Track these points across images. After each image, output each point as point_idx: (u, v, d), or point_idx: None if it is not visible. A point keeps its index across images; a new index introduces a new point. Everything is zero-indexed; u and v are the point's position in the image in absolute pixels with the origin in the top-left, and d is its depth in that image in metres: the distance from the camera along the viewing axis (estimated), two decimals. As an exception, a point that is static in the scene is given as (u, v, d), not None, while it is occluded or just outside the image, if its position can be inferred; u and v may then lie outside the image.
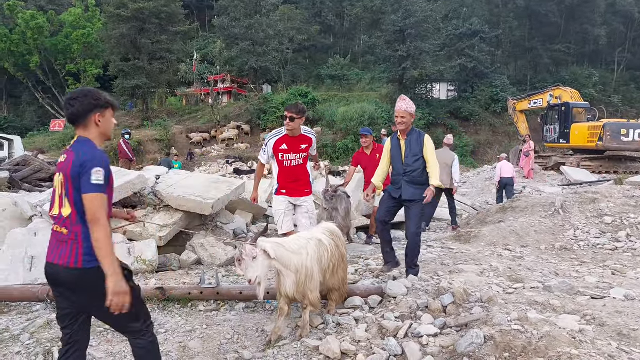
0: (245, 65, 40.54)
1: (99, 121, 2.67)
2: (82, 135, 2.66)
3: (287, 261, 3.71)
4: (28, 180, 12.01)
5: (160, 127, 34.02)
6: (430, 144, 5.18)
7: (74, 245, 2.52)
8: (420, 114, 36.38)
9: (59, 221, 2.58)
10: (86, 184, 2.48)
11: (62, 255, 2.52)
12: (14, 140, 25.79)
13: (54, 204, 2.63)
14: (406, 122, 5.16)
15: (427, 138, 5.23)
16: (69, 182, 2.53)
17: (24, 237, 5.97)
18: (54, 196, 2.64)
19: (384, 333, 3.75)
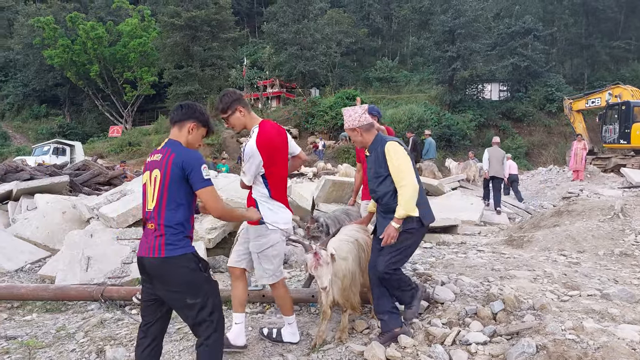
0: (294, 69, 40.94)
1: (191, 130, 2.95)
2: (172, 138, 2.93)
3: (337, 267, 3.66)
4: (88, 184, 12.57)
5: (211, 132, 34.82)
6: (393, 152, 3.58)
7: (158, 236, 2.71)
8: (471, 115, 35.65)
9: (151, 217, 2.77)
10: (199, 180, 2.76)
11: (148, 248, 2.73)
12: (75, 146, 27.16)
13: (146, 200, 2.83)
14: (358, 141, 3.81)
15: (388, 146, 3.62)
16: (166, 178, 2.74)
17: (80, 239, 6.23)
18: (145, 193, 2.84)
19: (430, 340, 3.66)
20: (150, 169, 2.83)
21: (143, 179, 2.88)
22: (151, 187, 2.80)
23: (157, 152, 2.89)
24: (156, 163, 2.81)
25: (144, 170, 2.91)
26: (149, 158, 2.91)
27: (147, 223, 2.80)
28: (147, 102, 44.04)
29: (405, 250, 3.58)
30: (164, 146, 2.89)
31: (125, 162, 22.97)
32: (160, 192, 2.75)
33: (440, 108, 36.48)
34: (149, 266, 2.74)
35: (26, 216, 8.39)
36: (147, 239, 2.77)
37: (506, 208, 12.31)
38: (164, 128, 37.99)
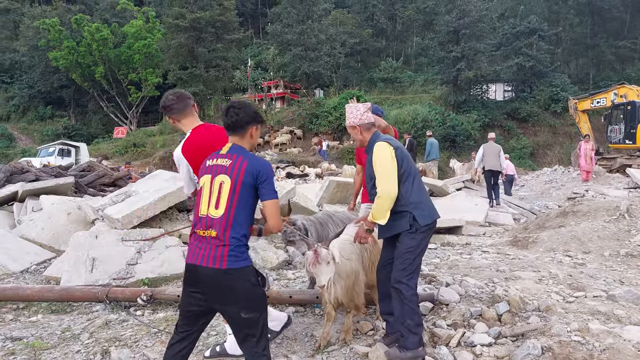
0: (298, 70, 40.97)
1: (253, 134, 2.85)
2: (236, 144, 2.80)
3: (341, 267, 3.60)
4: (92, 185, 12.60)
5: (216, 132, 34.88)
6: (376, 155, 3.47)
7: (220, 246, 2.59)
8: (475, 116, 35.58)
9: (205, 222, 2.63)
10: (270, 191, 2.70)
11: (208, 257, 2.58)
12: (80, 147, 27.27)
13: (200, 205, 2.69)
14: (358, 139, 3.71)
15: (374, 147, 3.50)
16: (237, 186, 2.63)
17: (85, 240, 6.24)
18: (201, 197, 2.71)
19: (435, 341, 3.65)
20: (214, 174, 2.70)
21: (201, 182, 2.75)
22: (215, 192, 2.66)
23: (222, 156, 2.75)
24: (223, 168, 2.68)
25: (202, 172, 2.78)
26: (210, 161, 2.77)
27: (203, 229, 2.64)
28: (152, 103, 44.15)
29: (411, 253, 3.39)
30: (229, 151, 2.76)
31: (130, 163, 23.05)
32: (229, 200, 2.63)
33: (444, 108, 36.41)
34: (207, 276, 2.58)
35: (31, 217, 8.42)
36: (205, 247, 2.61)
37: (511, 209, 12.27)
38: (168, 129, 38.07)
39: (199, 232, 2.65)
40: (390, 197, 3.33)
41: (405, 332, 3.33)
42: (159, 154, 31.08)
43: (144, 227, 6.67)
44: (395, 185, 3.36)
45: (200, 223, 2.66)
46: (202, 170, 2.79)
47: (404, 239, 3.39)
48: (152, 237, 6.39)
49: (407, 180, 3.45)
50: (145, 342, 4.01)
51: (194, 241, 2.68)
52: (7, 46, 48.69)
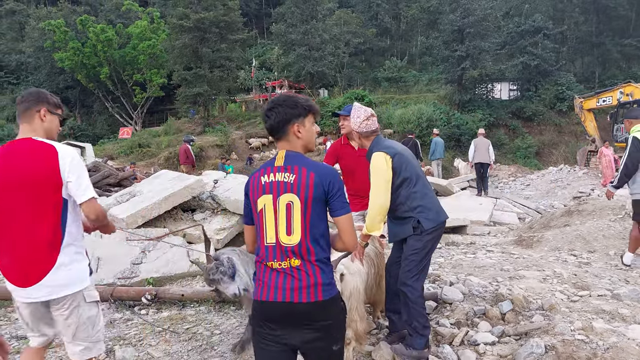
0: (302, 70, 40.98)
1: (299, 132, 2.35)
2: (289, 150, 2.35)
3: (343, 286, 3.25)
4: (98, 185, 12.66)
5: (220, 133, 34.95)
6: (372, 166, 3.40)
7: (310, 275, 2.22)
8: (480, 115, 35.49)
9: (280, 252, 2.23)
10: (343, 204, 2.29)
11: (296, 290, 2.19)
12: (86, 148, 27.29)
13: (265, 231, 2.26)
14: (357, 143, 3.69)
15: (372, 158, 3.42)
16: (309, 205, 2.23)
17: (90, 239, 6.28)
18: (263, 221, 2.27)
19: (438, 340, 3.66)
20: (276, 193, 2.25)
21: (259, 204, 2.28)
22: (282, 216, 2.23)
23: (279, 169, 2.29)
24: (288, 186, 2.24)
25: (256, 191, 2.30)
26: (264, 177, 2.29)
27: (278, 260, 2.23)
28: (157, 103, 44.28)
29: (416, 254, 3.36)
30: (286, 162, 2.30)
31: (135, 163, 23.13)
32: (303, 222, 2.21)
33: (449, 108, 36.33)
34: (299, 313, 2.19)
35: (37, 217, 8.47)
36: (288, 279, 2.21)
37: (516, 208, 12.24)
38: (173, 130, 38.17)
39: (272, 264, 2.24)
40: (381, 209, 3.31)
41: (413, 333, 3.34)
42: (164, 154, 31.15)
43: (148, 226, 6.71)
44: (387, 197, 3.32)
45: (270, 252, 2.25)
46: (256, 189, 2.31)
47: (410, 241, 3.40)
48: (156, 237, 6.42)
49: (409, 185, 3.42)
50: (149, 341, 4.03)
51: (267, 275, 2.25)
52: (13, 47, 48.92)
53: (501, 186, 19.67)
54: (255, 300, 2.28)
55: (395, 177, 3.36)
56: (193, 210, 7.70)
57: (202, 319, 4.52)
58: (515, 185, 19.65)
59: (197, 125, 39.34)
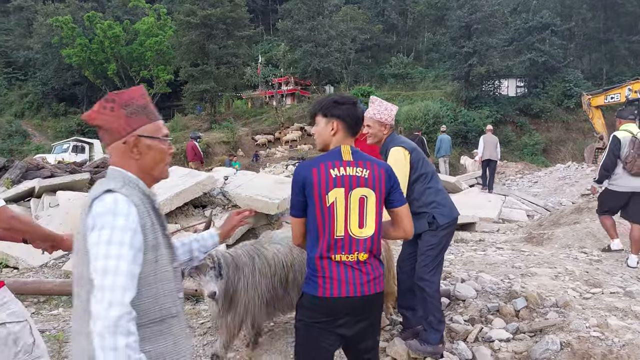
0: (308, 66, 41.00)
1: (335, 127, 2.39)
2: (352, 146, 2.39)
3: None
4: (106, 181, 12.72)
5: (227, 129, 35.05)
6: (390, 159, 3.38)
7: (375, 268, 2.29)
8: (487, 112, 35.38)
9: (349, 245, 2.24)
10: (401, 195, 2.39)
11: (364, 284, 2.24)
12: (94, 144, 27.50)
13: (334, 224, 2.23)
14: (374, 134, 3.55)
15: (391, 152, 3.43)
16: (381, 199, 2.31)
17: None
18: (335, 214, 2.23)
19: (452, 336, 3.67)
20: (348, 187, 2.25)
21: (330, 198, 2.23)
22: (355, 209, 2.25)
23: (349, 163, 2.30)
24: (361, 180, 2.27)
25: (329, 186, 2.24)
26: (335, 171, 2.26)
27: (346, 253, 2.23)
28: (164, 100, 44.39)
29: (432, 250, 3.38)
30: (356, 158, 2.33)
31: (143, 159, 23.18)
32: (377, 215, 2.29)
33: (456, 104, 36.25)
34: (362, 305, 2.25)
35: (49, 213, 8.54)
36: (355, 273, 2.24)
37: (524, 205, 12.21)
38: (179, 126, 38.29)
39: (340, 257, 2.23)
40: None
41: (428, 327, 3.36)
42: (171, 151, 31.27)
43: (160, 222, 6.74)
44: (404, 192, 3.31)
45: (339, 246, 2.23)
46: (324, 181, 2.26)
47: (425, 237, 3.41)
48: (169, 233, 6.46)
49: (425, 181, 3.45)
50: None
51: (332, 269, 2.22)
52: (21, 43, 49.17)
53: (508, 183, 19.61)
54: (314, 297, 2.25)
55: (412, 172, 3.39)
56: (204, 207, 7.74)
57: (216, 314, 4.56)
58: (522, 183, 19.59)
59: (204, 121, 39.45)
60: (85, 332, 1.53)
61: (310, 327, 2.29)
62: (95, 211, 1.55)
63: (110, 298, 1.45)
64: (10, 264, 6.47)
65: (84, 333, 1.54)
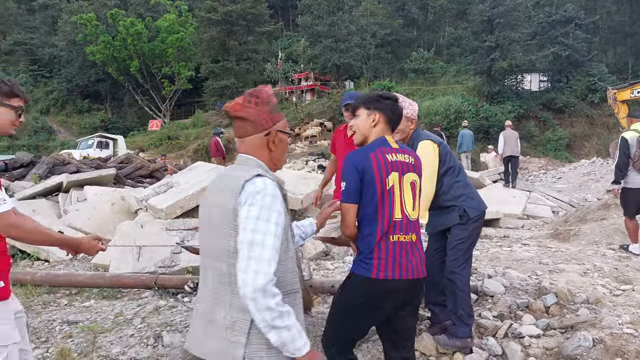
0: (328, 62, 40.92)
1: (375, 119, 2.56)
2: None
3: None
4: (131, 176, 12.94)
5: (247, 125, 35.18)
6: (420, 152, 3.30)
7: (420, 251, 2.45)
8: (510, 107, 34.89)
9: (406, 226, 2.39)
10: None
11: (421, 265, 2.41)
12: (118, 140, 27.94)
13: (393, 206, 2.38)
14: (402, 130, 3.46)
15: (420, 145, 3.42)
16: (420, 182, 2.51)
17: (132, 229, 6.45)
18: (394, 197, 2.38)
19: (481, 332, 3.66)
20: (401, 171, 2.42)
21: (389, 182, 2.38)
22: (408, 192, 2.42)
23: (398, 151, 2.48)
24: (410, 166, 2.47)
25: (388, 170, 2.39)
26: (390, 156, 2.43)
27: (404, 234, 2.38)
28: (184, 96, 44.80)
29: (463, 243, 3.38)
30: (401, 145, 2.55)
31: (166, 155, 23.49)
32: (418, 199, 2.47)
33: (478, 99, 35.80)
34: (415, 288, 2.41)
35: (77, 207, 8.72)
36: (414, 254, 2.41)
37: (549, 201, 12.06)
38: (200, 122, 38.60)
39: (398, 237, 2.36)
40: (427, 198, 3.33)
41: (457, 321, 3.36)
42: (192, 146, 31.58)
43: (186, 217, 6.84)
44: (434, 185, 3.37)
45: (397, 227, 2.37)
46: (383, 166, 2.39)
47: (455, 231, 3.41)
48: (194, 227, 6.55)
49: (453, 174, 3.46)
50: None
51: (390, 250, 2.35)
52: (46, 41, 50.07)
53: (532, 179, 19.36)
54: (367, 279, 2.33)
55: (441, 165, 3.40)
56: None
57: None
58: (546, 178, 19.33)
59: (224, 117, 39.64)
60: (224, 301, 1.73)
61: (353, 306, 2.40)
62: (248, 190, 1.71)
63: (257, 268, 1.61)
64: (42, 256, 6.63)
65: (223, 302, 1.74)
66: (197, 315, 1.86)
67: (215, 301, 1.77)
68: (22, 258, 6.67)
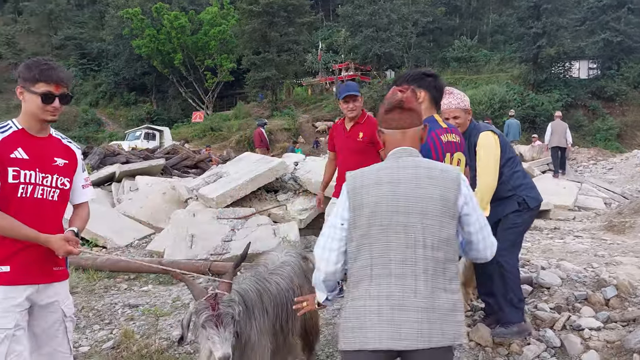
0: (369, 52, 40.58)
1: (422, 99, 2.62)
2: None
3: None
4: (177, 167, 13.26)
5: (288, 116, 35.46)
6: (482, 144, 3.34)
7: None
8: (557, 95, 33.83)
9: None
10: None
11: None
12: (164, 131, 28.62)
13: None
14: (462, 123, 3.41)
15: (481, 137, 3.37)
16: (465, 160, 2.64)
17: (185, 218, 6.65)
18: None
19: (538, 324, 3.62)
20: (452, 151, 2.55)
21: (446, 161, 2.51)
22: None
23: (446, 130, 2.58)
24: (457, 145, 2.59)
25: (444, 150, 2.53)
26: (444, 137, 2.56)
27: None
28: (226, 88, 45.37)
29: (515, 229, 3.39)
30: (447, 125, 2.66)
31: (210, 146, 23.94)
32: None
33: (523, 88, 34.86)
34: None
35: (130, 196, 9.04)
36: None
37: (601, 192, 11.67)
38: (242, 113, 39.07)
39: None
40: (489, 189, 3.31)
41: (508, 306, 3.33)
42: (235, 138, 32.04)
43: (236, 206, 6.99)
44: (496, 177, 3.34)
45: None
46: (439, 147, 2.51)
47: (510, 216, 3.40)
48: (244, 216, 6.69)
49: (512, 165, 3.47)
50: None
51: None
52: (94, 35, 51.63)
53: (581, 170, 18.74)
54: None
55: (501, 157, 3.38)
56: (276, 191, 7.91)
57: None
58: (596, 169, 18.67)
59: (265, 109, 40.07)
60: (440, 287, 1.83)
61: None
62: (463, 179, 1.92)
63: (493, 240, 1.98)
64: (100, 243, 6.91)
65: (440, 288, 1.83)
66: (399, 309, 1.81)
67: (432, 289, 1.82)
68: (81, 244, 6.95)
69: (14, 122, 2.34)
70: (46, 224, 2.31)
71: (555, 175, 13.02)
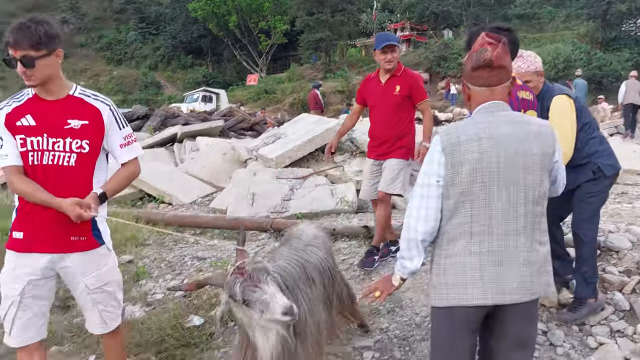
0: (426, 10, 39.32)
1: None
2: None
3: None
4: (233, 129, 13.53)
5: (341, 78, 35.12)
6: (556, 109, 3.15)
7: None
8: (627, 54, 31.77)
9: None
10: None
11: None
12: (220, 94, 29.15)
13: None
14: (536, 86, 3.21)
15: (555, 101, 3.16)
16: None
17: (246, 177, 6.84)
18: None
19: (605, 287, 3.55)
20: (525, 108, 2.62)
21: None
22: None
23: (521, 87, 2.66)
24: (530, 103, 2.65)
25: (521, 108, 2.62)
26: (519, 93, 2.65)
27: None
28: (280, 50, 45.33)
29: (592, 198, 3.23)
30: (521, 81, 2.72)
31: (265, 109, 24.18)
32: None
33: (590, 47, 32.85)
34: None
35: (192, 156, 9.35)
36: None
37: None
38: (295, 76, 39.05)
39: None
40: (565, 159, 3.10)
41: (581, 281, 3.27)
42: (288, 100, 32.18)
43: (295, 166, 7.12)
44: (572, 145, 3.17)
45: None
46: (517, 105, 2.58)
47: (585, 185, 3.25)
48: (302, 176, 6.82)
49: (589, 131, 3.28)
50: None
51: None
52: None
53: (653, 134, 17.70)
54: None
55: (577, 121, 3.21)
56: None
57: (355, 252, 4.80)
58: (670, 133, 17.57)
59: (319, 71, 39.83)
60: (536, 240, 1.90)
61: None
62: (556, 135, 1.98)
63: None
64: (166, 200, 7.24)
65: (536, 241, 1.90)
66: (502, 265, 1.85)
67: (532, 243, 1.89)
68: (149, 201, 7.32)
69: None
70: (62, 190, 2.22)
71: (624, 135, 12.49)
